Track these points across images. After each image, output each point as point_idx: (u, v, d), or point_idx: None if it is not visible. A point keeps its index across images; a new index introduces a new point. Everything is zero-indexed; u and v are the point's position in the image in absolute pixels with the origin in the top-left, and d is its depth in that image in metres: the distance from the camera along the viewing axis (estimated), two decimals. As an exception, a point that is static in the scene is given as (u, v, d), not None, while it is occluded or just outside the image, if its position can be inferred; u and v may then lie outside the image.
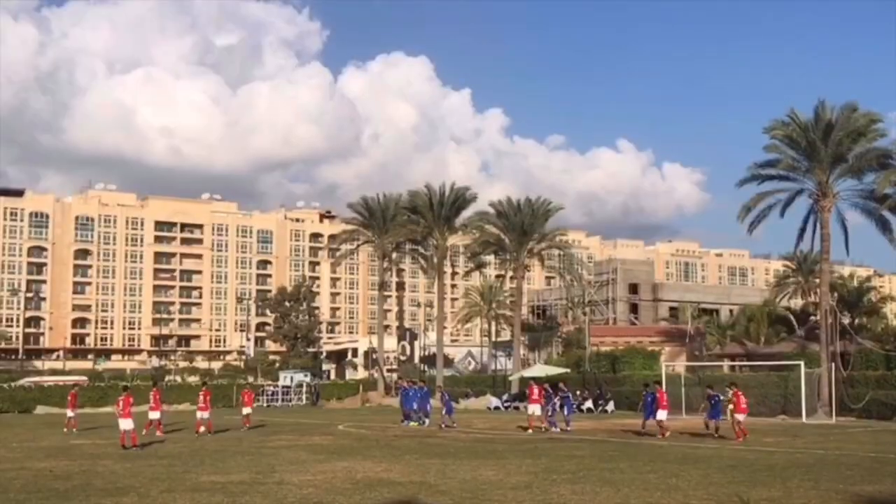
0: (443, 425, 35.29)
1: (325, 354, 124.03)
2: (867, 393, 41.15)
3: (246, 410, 36.82)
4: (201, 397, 33.30)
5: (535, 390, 34.67)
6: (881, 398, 41.08)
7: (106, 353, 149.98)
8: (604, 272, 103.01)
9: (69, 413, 35.94)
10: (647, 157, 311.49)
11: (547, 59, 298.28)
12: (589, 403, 50.86)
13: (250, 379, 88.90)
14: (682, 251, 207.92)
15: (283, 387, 68.93)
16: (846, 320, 61.43)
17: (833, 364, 43.72)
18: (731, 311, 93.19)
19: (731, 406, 29.86)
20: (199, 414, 32.92)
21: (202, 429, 32.18)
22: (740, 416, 29.28)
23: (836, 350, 47.33)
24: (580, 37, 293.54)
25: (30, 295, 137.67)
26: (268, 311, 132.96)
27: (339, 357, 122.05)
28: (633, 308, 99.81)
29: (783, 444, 26.98)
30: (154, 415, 31.11)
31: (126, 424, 26.10)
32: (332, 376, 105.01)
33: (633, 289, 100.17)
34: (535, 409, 34.35)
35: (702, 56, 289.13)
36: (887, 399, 40.92)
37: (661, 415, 30.13)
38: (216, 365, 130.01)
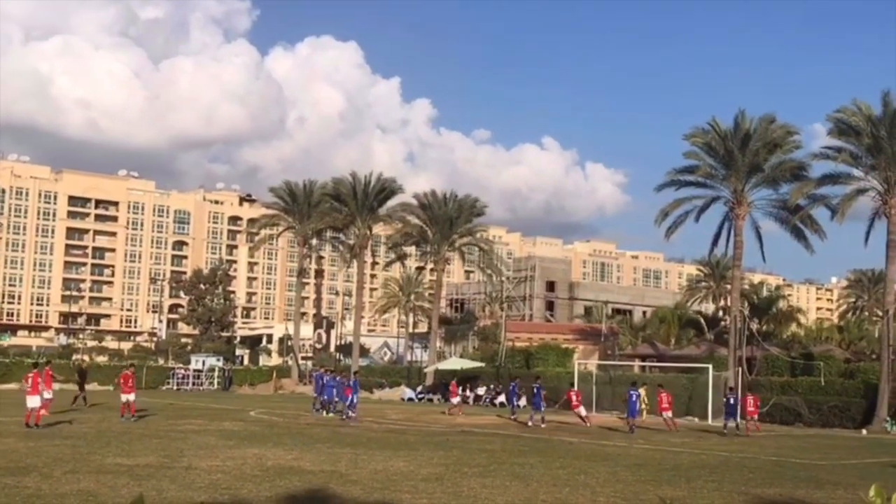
0: (344, 416, 34.64)
1: (239, 339, 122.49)
2: (771, 398, 42.34)
3: (126, 397, 30.94)
4: (125, 380, 31.35)
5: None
6: (784, 403, 42.35)
7: (12, 329, 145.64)
8: (522, 269, 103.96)
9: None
10: (571, 156, 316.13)
11: (477, 52, 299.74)
12: (502, 398, 51.28)
13: (161, 361, 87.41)
14: (599, 251, 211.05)
15: (195, 370, 68.03)
16: (755, 326, 63.03)
17: (739, 368, 44.88)
18: (644, 312, 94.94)
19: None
20: (123, 396, 30.98)
21: (126, 412, 30.37)
22: (667, 414, 33.89)
23: (744, 355, 48.59)
24: (511, 33, 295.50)
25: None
26: (182, 293, 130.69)
27: (253, 343, 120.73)
28: (550, 306, 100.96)
29: (689, 445, 27.59)
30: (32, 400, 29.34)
31: (33, 402, 25.51)
32: (246, 362, 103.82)
33: (551, 286, 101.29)
34: (456, 400, 37.23)
35: (631, 58, 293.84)
36: (790, 404, 42.22)
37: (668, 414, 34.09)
38: (126, 346, 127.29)
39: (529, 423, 33.48)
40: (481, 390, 55.20)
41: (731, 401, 34.08)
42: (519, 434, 30.06)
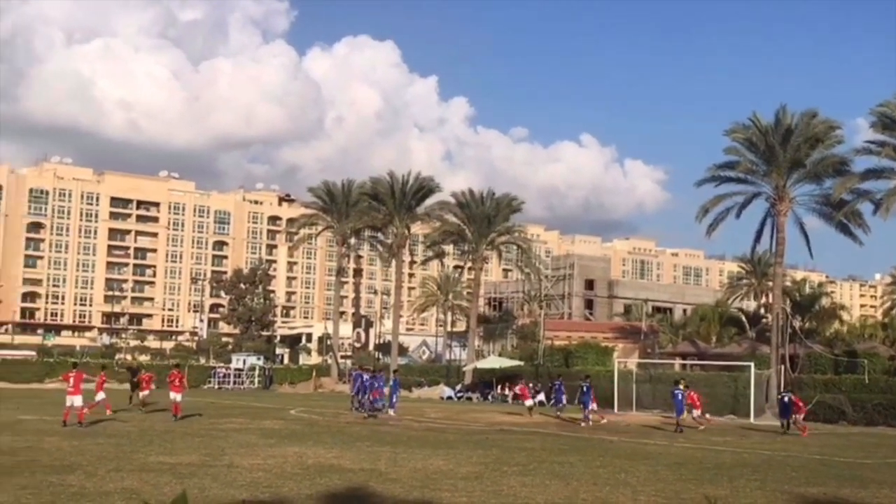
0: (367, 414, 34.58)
1: (279, 338, 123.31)
2: (814, 396, 41.81)
3: (174, 396, 31.18)
4: (172, 379, 31.60)
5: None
6: (828, 402, 41.77)
7: (56, 329, 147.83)
8: (561, 267, 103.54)
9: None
10: (609, 153, 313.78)
11: (514, 50, 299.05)
12: (541, 397, 51.08)
13: (202, 360, 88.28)
14: (638, 249, 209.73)
15: (236, 369, 68.61)
16: (797, 324, 62.29)
17: (782, 366, 44.36)
18: (684, 310, 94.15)
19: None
20: (172, 395, 30.99)
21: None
22: (696, 412, 33.52)
23: (786, 353, 48.03)
24: (548, 30, 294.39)
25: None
26: (222, 293, 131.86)
27: (293, 342, 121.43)
28: (589, 304, 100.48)
29: (731, 444, 27.32)
30: (98, 396, 30.39)
31: (76, 401, 25.81)
32: (286, 361, 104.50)
33: (589, 285, 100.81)
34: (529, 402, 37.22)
35: (669, 54, 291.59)
36: (833, 402, 41.62)
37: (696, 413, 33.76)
38: (168, 345, 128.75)
39: (583, 424, 33.32)
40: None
41: (786, 399, 33.69)
42: (558, 433, 29.96)
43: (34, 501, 12.50)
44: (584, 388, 34.71)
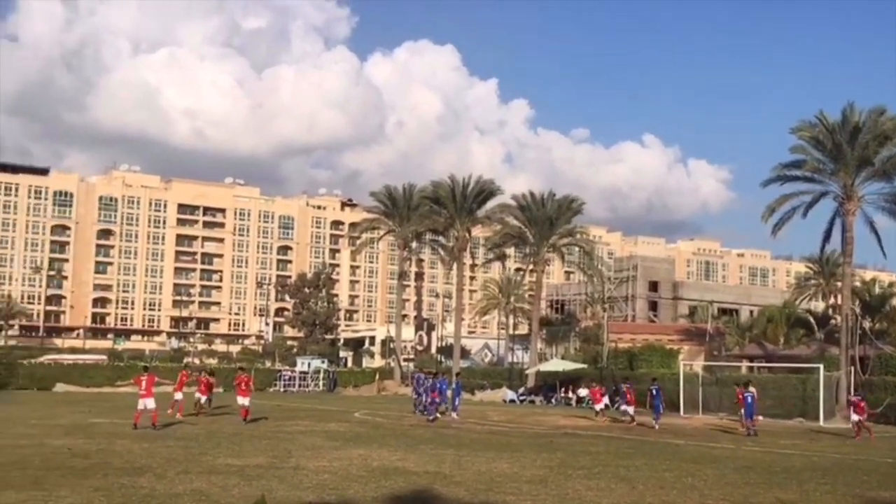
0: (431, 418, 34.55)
1: (342, 342, 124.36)
2: (885, 398, 40.82)
3: (241, 401, 31.25)
4: (239, 383, 31.67)
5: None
6: (900, 404, 40.74)
7: (125, 334, 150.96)
8: (624, 269, 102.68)
9: (177, 396, 32.51)
10: (673, 153, 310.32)
11: (574, 51, 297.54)
12: (605, 400, 50.69)
13: (268, 363, 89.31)
14: (703, 250, 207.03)
15: (301, 372, 69.32)
16: (867, 325, 60.94)
17: (852, 368, 43.43)
18: (751, 311, 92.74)
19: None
20: (239, 399, 31.10)
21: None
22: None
23: (856, 354, 47.01)
24: (609, 29, 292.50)
25: (52, 273, 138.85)
26: (287, 297, 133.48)
27: (356, 345, 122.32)
28: (653, 306, 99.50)
29: (800, 447, 26.81)
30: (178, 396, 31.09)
31: (148, 403, 26.25)
32: (349, 364, 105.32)
33: (653, 286, 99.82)
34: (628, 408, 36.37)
35: (733, 52, 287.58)
36: (905, 405, 40.58)
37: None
38: (234, 349, 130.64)
39: (656, 427, 33.09)
40: (583, 392, 54.68)
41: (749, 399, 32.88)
42: (623, 436, 29.72)
43: (106, 503, 12.79)
44: (654, 391, 34.65)
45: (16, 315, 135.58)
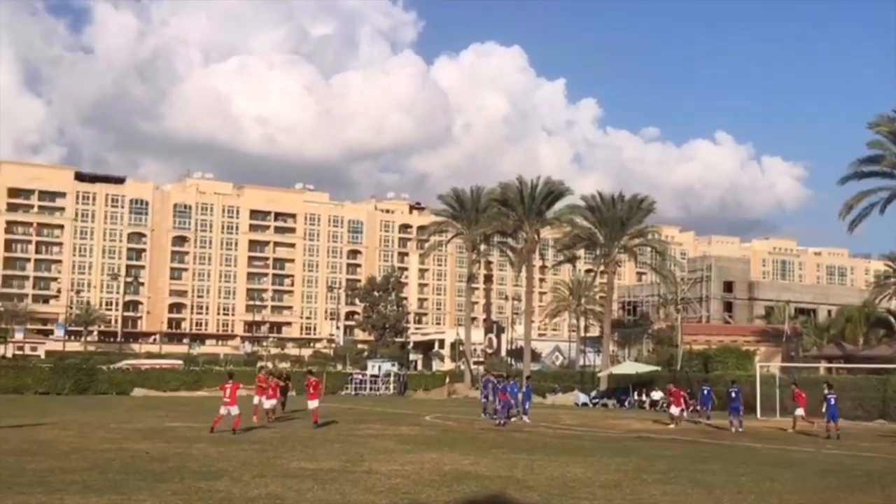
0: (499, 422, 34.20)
1: (412, 345, 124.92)
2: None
3: (311, 404, 31.22)
4: (309, 386, 31.67)
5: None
6: None
7: (200, 338, 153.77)
8: (697, 269, 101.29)
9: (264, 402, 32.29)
10: (746, 151, 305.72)
11: (642, 50, 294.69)
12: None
13: (339, 367, 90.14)
14: (779, 249, 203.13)
15: (372, 376, 69.69)
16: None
17: (937, 369, 42.14)
18: (829, 311, 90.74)
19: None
20: (309, 403, 31.01)
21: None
22: (799, 412, 33.57)
23: (941, 354, 45.62)
24: (678, 26, 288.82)
25: (129, 280, 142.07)
26: (357, 301, 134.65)
27: (425, 348, 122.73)
28: (728, 307, 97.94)
29: (882, 450, 26.04)
30: (259, 400, 31.21)
31: (232, 411, 26.49)
32: (419, 367, 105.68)
33: (728, 287, 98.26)
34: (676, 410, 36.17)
35: (806, 46, 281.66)
36: None
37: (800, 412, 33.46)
38: (306, 352, 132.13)
39: (739, 430, 32.59)
40: (657, 395, 53.98)
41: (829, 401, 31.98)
42: (699, 440, 29.22)
43: (184, 506, 12.97)
44: (734, 394, 34.13)
45: (95, 321, 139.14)
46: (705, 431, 32.93)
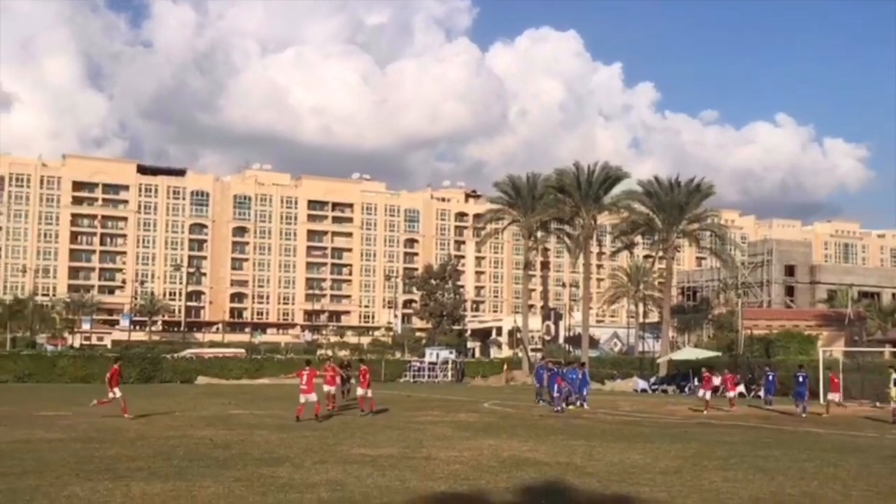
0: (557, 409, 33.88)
1: (469, 332, 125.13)
2: None
3: (361, 392, 30.38)
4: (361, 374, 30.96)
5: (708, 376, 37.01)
6: None
7: (262, 327, 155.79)
8: (758, 253, 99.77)
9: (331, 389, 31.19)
10: (807, 132, 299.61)
11: (700, 30, 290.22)
12: (741, 388, 49.40)
13: (398, 354, 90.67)
14: (841, 232, 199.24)
15: (430, 363, 69.99)
16: None
17: None
18: (893, 294, 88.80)
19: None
20: (359, 391, 30.65)
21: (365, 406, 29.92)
22: (832, 396, 34.21)
23: None
24: (736, 6, 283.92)
25: (191, 270, 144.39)
26: (414, 289, 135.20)
27: (483, 335, 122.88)
28: (789, 291, 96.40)
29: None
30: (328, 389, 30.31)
31: (310, 398, 26.80)
32: (477, 354, 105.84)
33: (790, 271, 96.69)
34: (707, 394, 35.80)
35: (869, 27, 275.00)
36: None
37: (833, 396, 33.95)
38: (365, 340, 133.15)
39: (804, 415, 32.20)
40: (717, 380, 53.38)
41: None
42: (760, 425, 28.89)
43: (247, 493, 13.19)
44: (801, 379, 33.72)
45: (159, 311, 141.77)
46: (767, 417, 32.55)
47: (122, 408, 26.50)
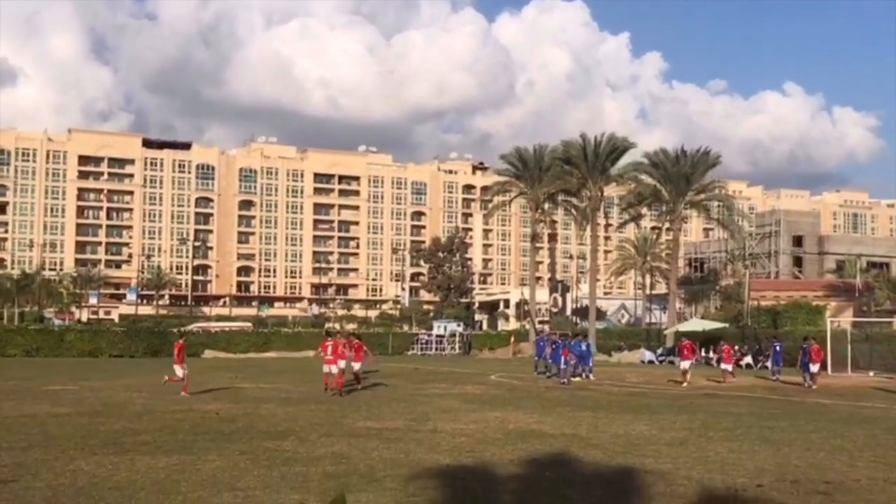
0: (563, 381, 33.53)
1: (477, 305, 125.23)
2: None
3: (355, 366, 28.86)
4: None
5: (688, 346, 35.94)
6: None
7: (269, 301, 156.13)
8: (766, 224, 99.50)
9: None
10: (816, 102, 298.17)
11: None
12: (748, 359, 49.43)
13: (405, 327, 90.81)
14: (850, 201, 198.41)
15: (437, 336, 70.14)
16: None
17: None
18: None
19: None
20: (354, 365, 29.77)
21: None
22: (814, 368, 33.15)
23: None
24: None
25: (197, 244, 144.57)
26: (422, 262, 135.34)
27: (490, 308, 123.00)
28: (797, 261, 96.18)
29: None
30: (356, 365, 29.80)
31: (333, 369, 26.86)
32: (484, 327, 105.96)
33: (798, 241, 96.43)
34: (686, 364, 34.91)
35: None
36: None
37: (814, 368, 33.01)
38: (373, 313, 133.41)
39: (813, 386, 32.10)
40: (704, 353, 53.44)
41: None
42: (767, 396, 28.85)
43: (252, 466, 13.18)
44: (808, 350, 33.55)
45: (166, 285, 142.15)
46: (773, 388, 32.50)
47: (183, 385, 26.42)
